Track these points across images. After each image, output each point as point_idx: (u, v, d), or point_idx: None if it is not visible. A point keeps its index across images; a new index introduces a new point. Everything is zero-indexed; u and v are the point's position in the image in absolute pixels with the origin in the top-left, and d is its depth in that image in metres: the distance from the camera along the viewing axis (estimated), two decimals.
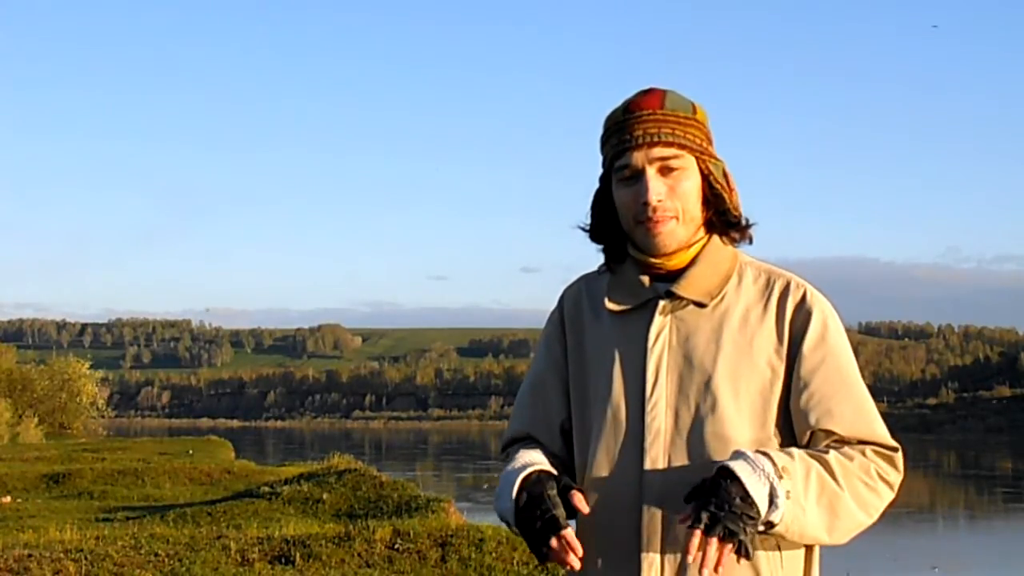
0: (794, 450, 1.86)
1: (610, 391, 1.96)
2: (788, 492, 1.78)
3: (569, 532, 1.83)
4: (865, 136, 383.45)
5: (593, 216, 2.05)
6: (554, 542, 1.82)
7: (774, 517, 1.79)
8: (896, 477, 1.92)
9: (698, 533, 1.74)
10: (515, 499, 1.87)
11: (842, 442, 1.90)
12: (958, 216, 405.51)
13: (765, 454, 1.81)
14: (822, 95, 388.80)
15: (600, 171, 2.03)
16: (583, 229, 2.06)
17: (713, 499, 1.75)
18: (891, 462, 1.92)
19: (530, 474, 1.89)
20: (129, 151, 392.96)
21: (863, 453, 1.90)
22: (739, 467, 1.77)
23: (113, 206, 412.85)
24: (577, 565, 1.81)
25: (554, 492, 1.85)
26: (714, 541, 1.74)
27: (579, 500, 1.85)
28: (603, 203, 2.02)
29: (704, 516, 1.74)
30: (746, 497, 1.75)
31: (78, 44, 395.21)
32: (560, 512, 1.83)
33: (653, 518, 1.88)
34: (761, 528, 1.79)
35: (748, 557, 1.76)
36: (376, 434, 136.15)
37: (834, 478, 1.84)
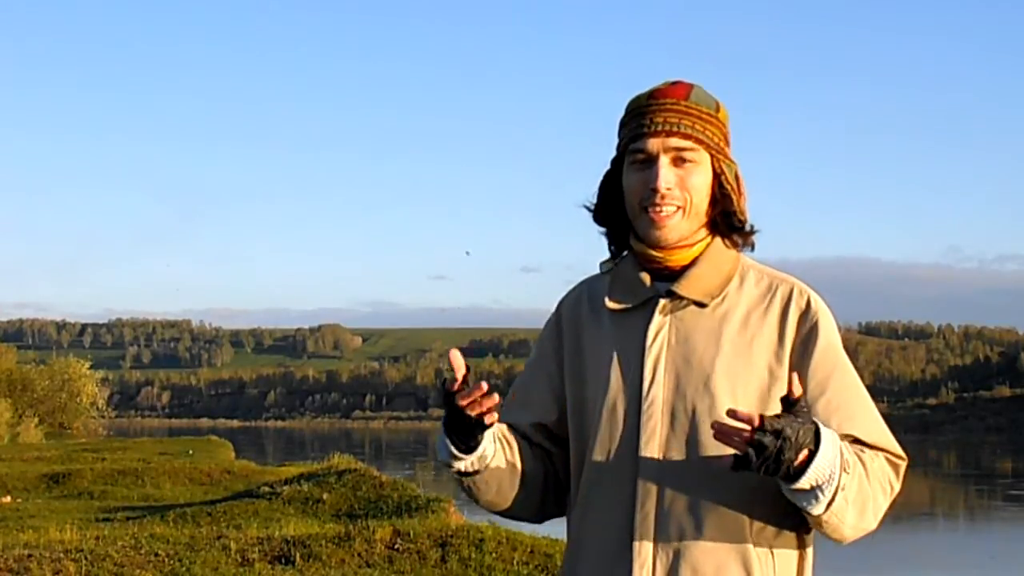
0: (846, 444, 1.85)
1: (607, 390, 1.95)
2: (844, 487, 1.79)
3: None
4: (866, 135, 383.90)
5: (600, 197, 2.04)
6: (460, 399, 1.83)
7: (820, 508, 1.79)
8: (898, 487, 1.94)
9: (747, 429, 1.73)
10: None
11: (860, 445, 1.90)
12: (960, 216, 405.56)
13: (840, 442, 1.81)
14: (823, 95, 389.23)
15: (614, 154, 2.02)
16: (588, 208, 2.05)
17: (788, 433, 1.72)
18: (898, 472, 1.94)
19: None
20: (129, 151, 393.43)
21: (880, 458, 1.91)
22: (826, 440, 1.76)
23: (113, 206, 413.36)
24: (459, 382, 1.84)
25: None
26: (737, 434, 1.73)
27: (453, 357, 1.86)
28: (611, 186, 2.02)
29: (771, 437, 1.71)
30: (802, 467, 1.75)
31: (76, 43, 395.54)
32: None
33: (647, 517, 1.88)
34: (813, 507, 1.79)
35: (735, 468, 1.75)
36: (376, 434, 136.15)
37: (868, 481, 1.85)
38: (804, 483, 1.76)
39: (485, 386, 1.82)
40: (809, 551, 1.97)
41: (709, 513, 1.86)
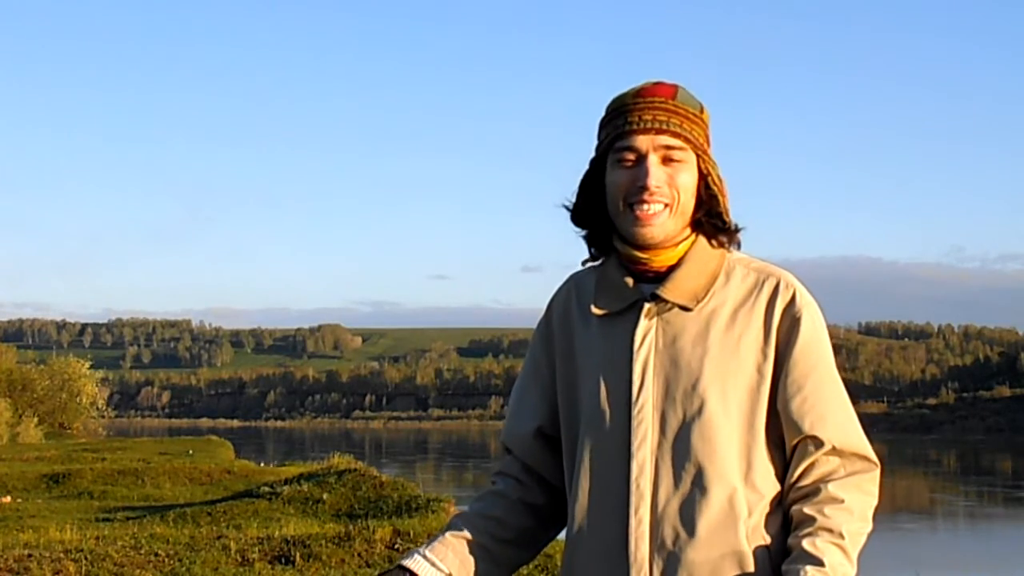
0: (843, 533, 1.84)
1: (597, 395, 1.95)
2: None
3: None
4: (869, 135, 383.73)
5: (579, 199, 2.02)
6: None
7: None
8: (875, 499, 1.92)
9: None
10: None
11: (832, 453, 1.88)
12: (962, 215, 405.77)
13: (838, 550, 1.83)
14: (826, 94, 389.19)
15: (593, 155, 1.99)
16: (567, 208, 2.02)
17: None
18: (873, 481, 1.92)
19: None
20: (129, 152, 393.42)
21: (859, 487, 1.88)
22: None
23: (114, 207, 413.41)
24: None
25: None
26: None
27: None
28: (591, 188, 2.00)
29: None
30: None
31: (77, 43, 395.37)
32: None
33: (641, 522, 1.88)
34: None
35: None
36: (376, 434, 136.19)
37: (853, 537, 1.85)
38: None
39: None
40: None
41: (703, 516, 1.86)
